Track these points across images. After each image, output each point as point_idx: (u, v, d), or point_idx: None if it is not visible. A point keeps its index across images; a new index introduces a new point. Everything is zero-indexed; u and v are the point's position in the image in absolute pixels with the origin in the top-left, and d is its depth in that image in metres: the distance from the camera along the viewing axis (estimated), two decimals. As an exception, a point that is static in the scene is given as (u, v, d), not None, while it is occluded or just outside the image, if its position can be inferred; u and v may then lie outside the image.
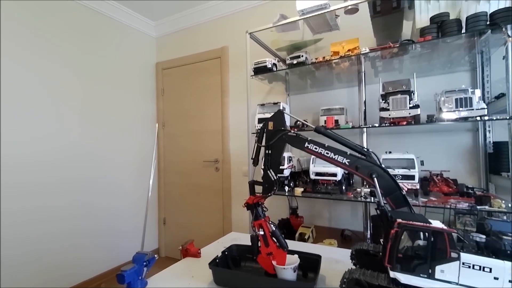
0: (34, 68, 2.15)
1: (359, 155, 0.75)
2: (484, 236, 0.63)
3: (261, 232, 0.84)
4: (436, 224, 0.59)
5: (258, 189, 0.88)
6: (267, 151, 0.85)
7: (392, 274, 0.57)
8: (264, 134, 0.87)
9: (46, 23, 2.22)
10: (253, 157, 0.89)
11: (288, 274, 0.80)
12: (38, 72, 2.17)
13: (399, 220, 0.58)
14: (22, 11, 2.08)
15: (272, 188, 0.84)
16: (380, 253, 0.67)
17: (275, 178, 0.84)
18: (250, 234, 0.88)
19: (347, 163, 0.74)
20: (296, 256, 0.85)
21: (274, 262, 0.82)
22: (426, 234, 0.56)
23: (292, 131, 0.84)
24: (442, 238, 0.55)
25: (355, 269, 0.69)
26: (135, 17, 2.95)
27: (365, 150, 0.77)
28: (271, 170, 0.84)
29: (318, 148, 0.78)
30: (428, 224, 0.57)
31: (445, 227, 0.57)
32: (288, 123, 0.92)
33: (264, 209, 0.87)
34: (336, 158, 0.76)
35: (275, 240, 0.83)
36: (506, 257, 0.55)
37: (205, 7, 2.80)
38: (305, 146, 0.80)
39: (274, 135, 0.84)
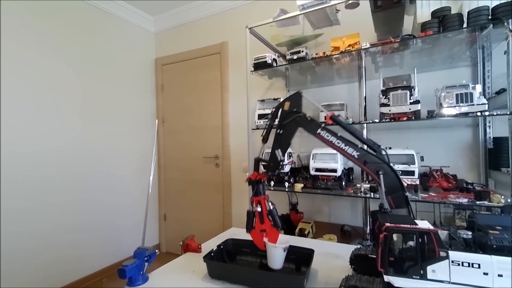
0: (33, 65, 2.14)
1: (370, 150, 0.74)
2: (470, 233, 0.63)
3: (259, 209, 0.84)
4: (423, 224, 0.59)
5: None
6: (278, 131, 0.85)
7: (386, 278, 0.58)
8: (279, 114, 0.86)
9: (44, 19, 2.21)
10: (264, 134, 0.89)
11: (278, 252, 0.81)
12: (37, 69, 2.16)
13: (387, 224, 0.58)
14: (21, 8, 2.06)
15: (277, 167, 0.84)
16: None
17: (282, 158, 0.84)
18: (247, 210, 0.88)
19: (356, 156, 0.73)
20: (288, 237, 0.87)
21: (265, 239, 0.83)
22: (414, 235, 0.57)
23: (307, 115, 0.82)
24: (430, 238, 0.56)
25: (352, 275, 0.71)
26: (134, 12, 2.92)
27: (376, 146, 0.75)
28: (279, 150, 0.84)
29: (330, 136, 0.77)
30: (414, 226, 0.58)
31: (431, 227, 0.57)
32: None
33: (265, 187, 0.87)
34: (346, 149, 0.75)
35: (271, 219, 0.84)
36: (493, 251, 0.56)
37: (205, 2, 2.78)
38: (317, 132, 0.78)
39: (288, 116, 0.84)
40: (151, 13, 3.07)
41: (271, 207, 0.85)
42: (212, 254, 0.93)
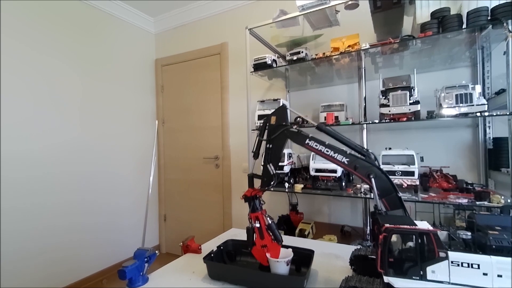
0: (35, 67, 2.14)
1: (359, 155, 0.76)
2: (469, 233, 0.63)
3: (257, 225, 0.85)
4: (423, 225, 0.59)
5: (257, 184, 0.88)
6: (268, 145, 0.86)
7: (386, 279, 0.58)
8: (266, 128, 0.87)
9: (46, 19, 2.21)
10: (254, 150, 0.90)
11: (281, 267, 0.81)
12: (39, 71, 2.16)
13: (386, 225, 0.58)
14: (22, 8, 2.06)
15: (270, 182, 0.85)
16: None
17: (274, 172, 0.85)
18: (246, 226, 0.89)
19: (346, 162, 0.75)
20: (290, 250, 0.87)
21: (268, 255, 0.83)
22: (414, 236, 0.57)
23: (294, 127, 0.84)
24: (429, 238, 0.56)
25: (352, 276, 0.71)
26: (134, 13, 2.93)
27: (365, 150, 0.77)
28: (271, 164, 0.85)
29: (318, 145, 0.78)
30: (413, 226, 0.58)
31: (430, 227, 0.57)
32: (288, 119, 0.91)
33: (262, 202, 0.88)
34: (335, 157, 0.76)
35: (271, 233, 0.85)
36: (492, 252, 0.56)
37: (204, 2, 2.78)
38: (306, 142, 0.80)
39: (276, 130, 0.85)
40: (151, 14, 3.07)
41: (270, 222, 0.85)
42: (212, 255, 0.93)
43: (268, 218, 0.86)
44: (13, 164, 2.00)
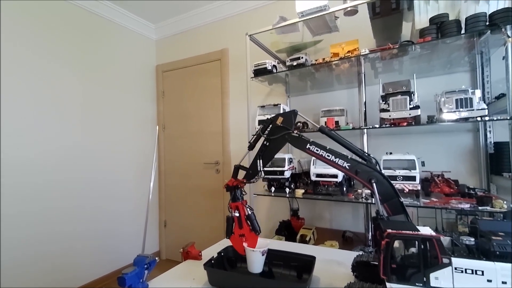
0: (36, 72, 2.15)
1: (360, 160, 0.75)
2: (472, 239, 0.63)
3: (237, 214, 0.86)
4: (425, 230, 0.59)
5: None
6: (265, 142, 0.87)
7: (389, 285, 0.57)
8: (270, 126, 0.88)
9: (48, 25, 2.24)
10: (251, 142, 0.92)
11: (257, 256, 0.82)
12: (40, 75, 2.18)
13: (388, 231, 0.58)
14: (23, 12, 2.09)
15: (254, 176, 0.88)
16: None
17: (261, 169, 0.87)
18: (226, 215, 0.91)
19: (347, 167, 0.74)
20: (267, 241, 0.88)
21: (245, 244, 0.84)
22: (416, 242, 0.56)
23: (295, 132, 0.84)
24: (432, 244, 0.55)
25: (354, 282, 0.70)
26: (135, 20, 2.96)
27: (366, 154, 0.77)
28: (261, 160, 0.87)
29: (319, 150, 0.78)
30: (416, 232, 0.57)
31: (433, 233, 0.57)
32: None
33: (243, 193, 0.90)
34: (336, 161, 0.76)
35: (249, 224, 0.86)
36: (496, 258, 0.55)
37: (205, 9, 2.81)
38: (307, 147, 0.80)
39: (277, 131, 0.85)
40: (152, 21, 3.11)
41: (249, 212, 0.87)
42: (213, 261, 0.92)
43: (248, 209, 0.87)
44: (12, 170, 2.00)
